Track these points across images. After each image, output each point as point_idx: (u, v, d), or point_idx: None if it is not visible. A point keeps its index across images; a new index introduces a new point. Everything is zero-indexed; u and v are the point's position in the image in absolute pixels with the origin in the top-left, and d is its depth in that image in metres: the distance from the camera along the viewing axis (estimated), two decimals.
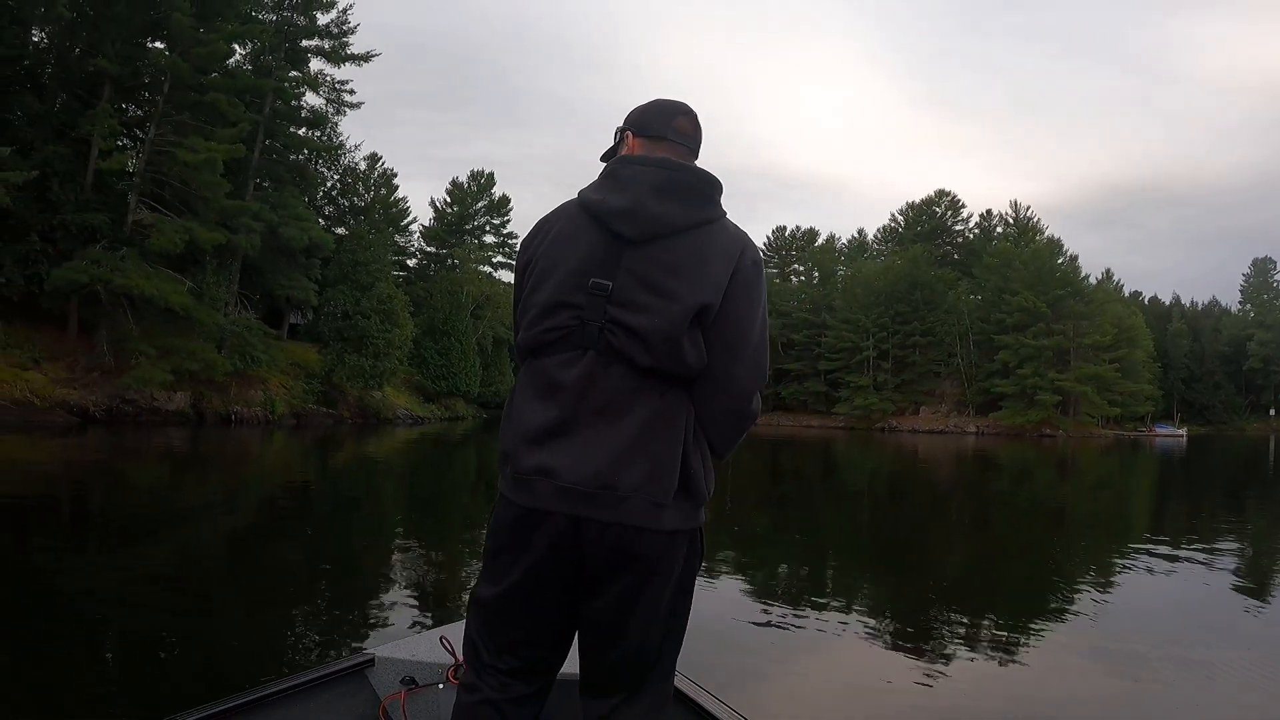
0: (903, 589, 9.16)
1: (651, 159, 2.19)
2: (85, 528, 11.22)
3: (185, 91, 34.89)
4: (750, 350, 2.13)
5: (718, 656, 5.83)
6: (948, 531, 14.18)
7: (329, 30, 45.40)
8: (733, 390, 2.14)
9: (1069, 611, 8.03)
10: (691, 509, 2.15)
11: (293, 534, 11.55)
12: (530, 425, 2.14)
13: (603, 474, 2.05)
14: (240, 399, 38.27)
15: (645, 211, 2.09)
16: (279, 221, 40.82)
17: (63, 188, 32.69)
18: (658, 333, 2.03)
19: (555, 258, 2.16)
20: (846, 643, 6.59)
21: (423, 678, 3.09)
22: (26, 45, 34.18)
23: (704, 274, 2.07)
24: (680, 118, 2.29)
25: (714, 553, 10.04)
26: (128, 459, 20.65)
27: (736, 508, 16.13)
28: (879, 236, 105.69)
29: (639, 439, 2.07)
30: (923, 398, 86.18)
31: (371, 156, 60.34)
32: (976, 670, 5.98)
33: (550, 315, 2.13)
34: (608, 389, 2.08)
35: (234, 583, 8.12)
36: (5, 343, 30.25)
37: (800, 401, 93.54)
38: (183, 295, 33.55)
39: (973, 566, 10.91)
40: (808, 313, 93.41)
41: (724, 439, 2.22)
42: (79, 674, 5.21)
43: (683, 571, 2.18)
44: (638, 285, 2.07)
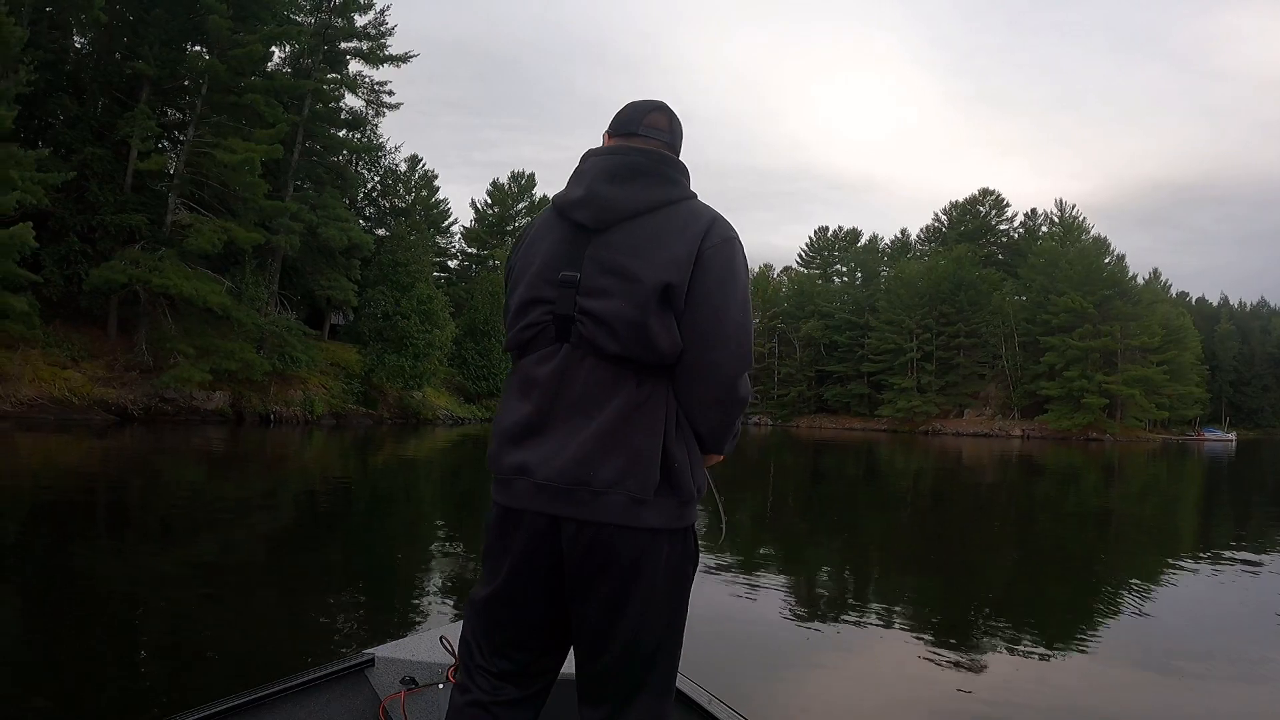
0: (944, 595, 8.80)
1: (609, 148, 2.20)
2: (118, 525, 11.07)
3: (223, 93, 34.96)
4: (729, 333, 2.05)
5: (755, 661, 5.77)
6: (991, 537, 13.71)
7: (366, 32, 45.23)
8: (714, 377, 2.06)
9: (1114, 621, 7.66)
10: (678, 506, 2.06)
11: (321, 534, 11.34)
12: (509, 423, 2.13)
13: (577, 469, 2.00)
14: (279, 399, 38.09)
15: (599, 198, 2.08)
16: (318, 222, 40.67)
17: (101, 189, 32.81)
18: (623, 317, 1.99)
19: (529, 257, 2.17)
20: (885, 648, 6.35)
21: (423, 678, 3.09)
22: (66, 50, 34.33)
23: (664, 253, 2.02)
24: (653, 114, 2.25)
25: (754, 556, 9.92)
26: (164, 458, 20.39)
27: (777, 511, 15.76)
28: (922, 236, 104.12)
29: (615, 432, 2.01)
30: (967, 400, 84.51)
31: (412, 158, 60.37)
32: (1016, 679, 5.74)
33: (525, 313, 2.13)
34: (582, 382, 2.05)
35: (247, 581, 7.93)
36: (45, 342, 30.23)
37: (843, 404, 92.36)
38: (221, 295, 33.49)
39: (1016, 573, 10.49)
40: (850, 314, 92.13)
41: (712, 429, 2.13)
42: (78, 669, 5.10)
43: (671, 575, 2.08)
44: (601, 271, 2.04)
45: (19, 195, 26.39)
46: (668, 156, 2.19)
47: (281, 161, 40.91)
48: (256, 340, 36.75)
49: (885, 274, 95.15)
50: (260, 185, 35.34)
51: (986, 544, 12.84)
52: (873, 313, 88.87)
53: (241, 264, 37.02)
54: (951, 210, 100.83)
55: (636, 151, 2.15)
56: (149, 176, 34.19)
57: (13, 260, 26.51)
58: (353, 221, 44.20)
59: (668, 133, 2.25)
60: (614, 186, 2.09)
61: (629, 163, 2.13)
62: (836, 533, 13.62)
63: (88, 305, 33.14)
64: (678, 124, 2.29)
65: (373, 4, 44.95)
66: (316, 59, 43.30)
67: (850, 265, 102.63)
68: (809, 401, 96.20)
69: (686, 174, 2.21)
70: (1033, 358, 79.91)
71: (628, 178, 2.10)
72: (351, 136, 48.35)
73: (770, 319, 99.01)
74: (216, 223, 34.09)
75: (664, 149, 2.21)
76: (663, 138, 2.23)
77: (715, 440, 2.17)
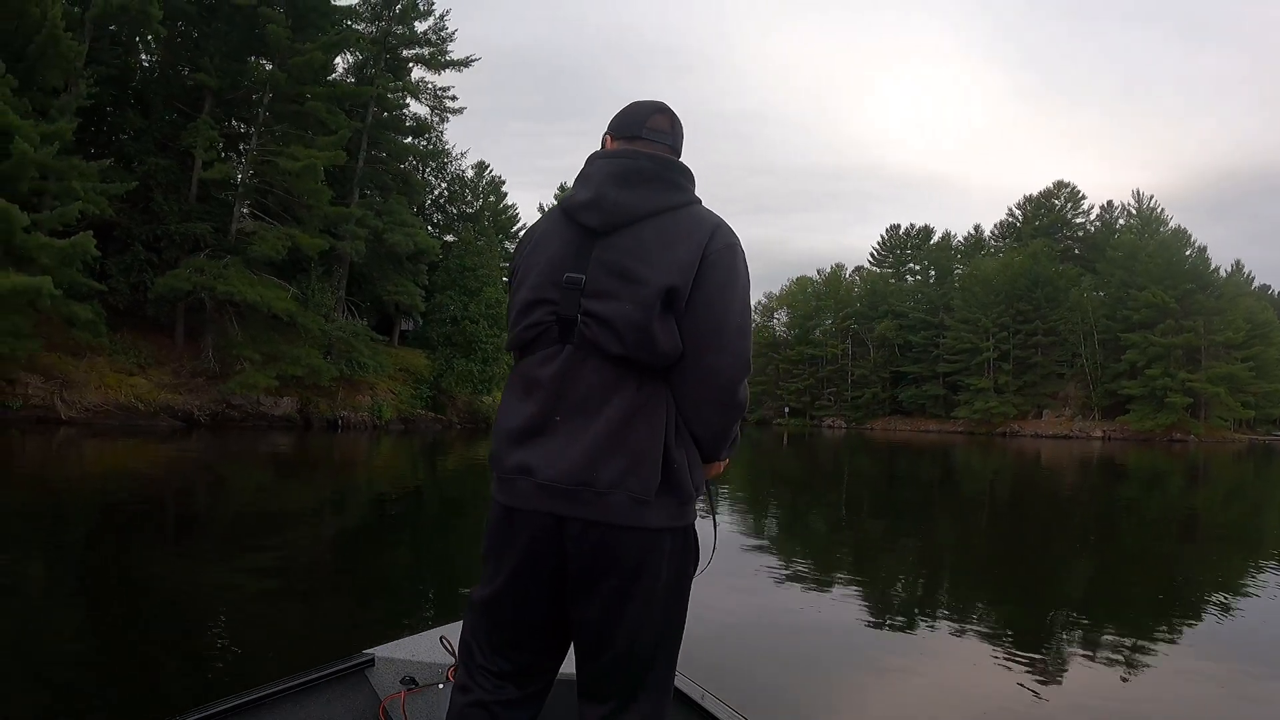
0: (1020, 602, 8.45)
1: (615, 151, 2.21)
2: (176, 529, 10.93)
3: (285, 102, 34.84)
4: (729, 337, 2.07)
5: (823, 666, 5.77)
6: (1070, 543, 12.98)
7: (427, 38, 44.92)
8: (713, 380, 2.08)
9: (1198, 630, 7.26)
10: (678, 506, 2.09)
11: (384, 538, 11.07)
12: (512, 424, 2.14)
13: (580, 470, 2.02)
14: (347, 404, 37.74)
15: (607, 201, 2.10)
16: (384, 227, 40.44)
17: (166, 199, 32.86)
18: (627, 319, 2.01)
19: (534, 259, 2.18)
20: (958, 655, 6.14)
21: (423, 678, 3.08)
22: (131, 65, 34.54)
23: (670, 256, 2.04)
24: (655, 115, 2.27)
25: (828, 560, 9.94)
26: (228, 464, 20.11)
27: (851, 515, 15.54)
28: (996, 232, 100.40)
29: (617, 433, 2.04)
30: (1046, 401, 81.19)
31: (479, 165, 60.19)
32: (1095, 689, 5.47)
33: (529, 313, 2.14)
34: (585, 383, 2.06)
35: (290, 585, 7.78)
36: (112, 349, 30.24)
37: (918, 405, 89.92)
38: (286, 301, 33.30)
39: (1095, 580, 10.00)
40: (925, 313, 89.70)
41: (711, 432, 2.15)
42: (83, 668, 5.14)
43: (672, 573, 2.12)
44: (606, 274, 2.05)
45: (81, 205, 26.45)
46: (674, 162, 2.20)
47: (347, 168, 40.84)
48: (324, 346, 36.45)
49: (959, 272, 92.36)
50: (324, 192, 35.07)
51: (1065, 550, 12.16)
52: (948, 311, 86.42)
53: (307, 271, 36.87)
54: (1025, 205, 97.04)
55: (644, 156, 2.16)
56: (213, 186, 34.12)
57: (76, 269, 26.53)
58: (419, 227, 43.81)
59: (670, 135, 2.26)
60: (622, 190, 2.10)
61: (636, 167, 2.14)
62: (911, 538, 13.08)
63: (154, 313, 33.18)
64: (679, 126, 2.31)
65: (432, 10, 44.70)
66: (379, 67, 43.04)
67: (923, 263, 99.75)
68: (883, 403, 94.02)
69: (692, 179, 2.22)
70: (1113, 356, 76.18)
71: (636, 182, 2.11)
72: (417, 143, 48.06)
73: (843, 319, 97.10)
74: (281, 230, 33.92)
75: (667, 152, 2.23)
76: (665, 140, 2.25)
77: (713, 445, 2.17)
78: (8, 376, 26.10)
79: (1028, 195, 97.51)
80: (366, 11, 42.95)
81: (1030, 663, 5.95)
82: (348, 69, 43.78)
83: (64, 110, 26.97)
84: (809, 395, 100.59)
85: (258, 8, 33.03)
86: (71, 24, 27.95)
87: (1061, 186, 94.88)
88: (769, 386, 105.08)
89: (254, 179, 35.27)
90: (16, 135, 24.03)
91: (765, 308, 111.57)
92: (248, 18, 33.47)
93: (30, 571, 7.73)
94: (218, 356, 33.05)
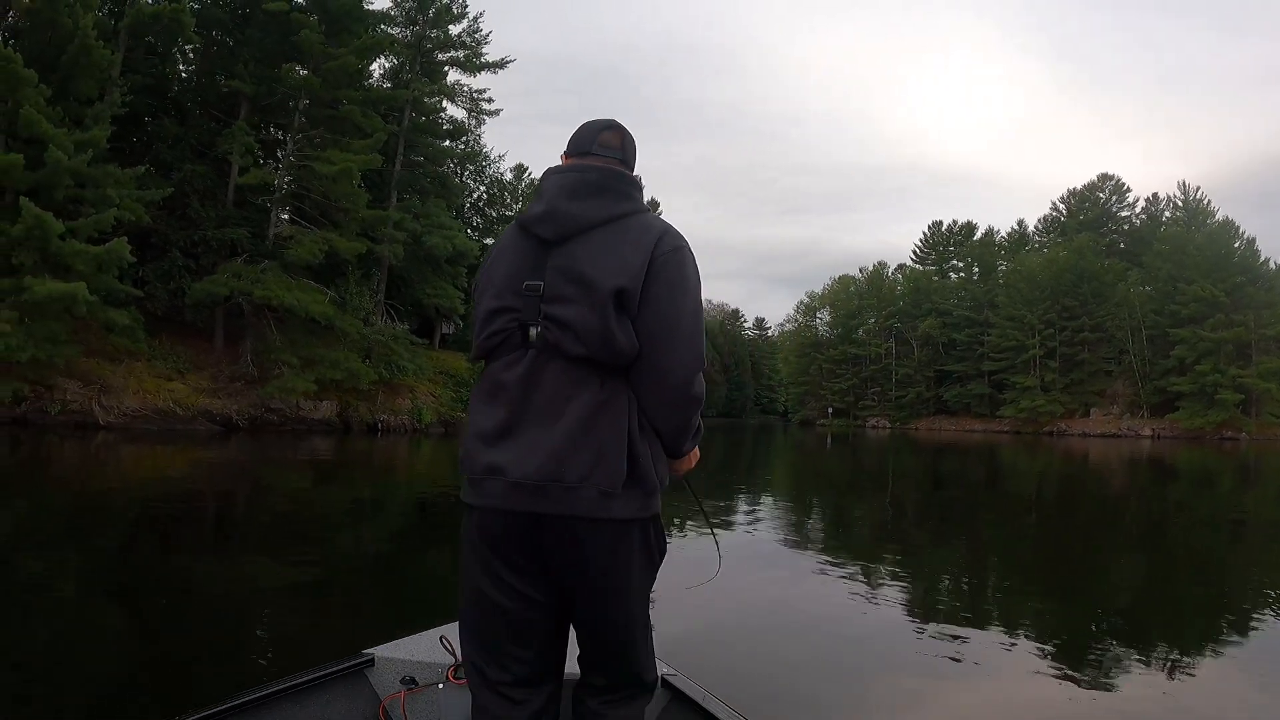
0: (1067, 606, 8.07)
1: (567, 166, 2.30)
2: (203, 533, 10.74)
3: (320, 107, 34.69)
4: (682, 335, 2.14)
5: (863, 671, 5.63)
6: (1118, 544, 12.39)
7: (462, 41, 44.67)
8: (669, 378, 2.15)
9: (1252, 638, 6.73)
10: (643, 497, 2.16)
11: (405, 540, 11.05)
12: (481, 427, 2.20)
13: (549, 467, 2.08)
14: (387, 408, 37.49)
15: (559, 213, 2.18)
16: (422, 231, 40.24)
17: (203, 205, 32.86)
18: (584, 321, 2.08)
19: (494, 270, 2.26)
20: (1002, 661, 5.90)
21: (423, 678, 3.05)
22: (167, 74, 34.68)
23: (618, 260, 2.11)
24: (605, 132, 2.35)
25: (872, 562, 9.60)
26: (265, 467, 19.95)
27: (896, 517, 15.17)
28: (1040, 227, 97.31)
29: (582, 430, 2.10)
30: (1093, 398, 78.37)
31: (518, 168, 59.98)
32: (1143, 699, 5.17)
33: (492, 321, 2.22)
34: (549, 384, 2.13)
35: (299, 579, 7.81)
36: (151, 355, 30.28)
37: (963, 404, 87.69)
38: (324, 305, 33.07)
39: (1145, 583, 9.54)
40: (969, 310, 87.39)
41: (671, 425, 2.22)
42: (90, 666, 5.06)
43: (640, 561, 2.20)
44: (563, 280, 2.13)
45: (117, 212, 26.50)
46: (622, 173, 2.28)
47: (384, 172, 40.74)
48: (363, 350, 36.22)
49: (1004, 268, 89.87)
50: (361, 195, 34.94)
51: (1113, 553, 11.59)
52: (992, 309, 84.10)
53: (346, 275, 36.69)
54: (1070, 198, 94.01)
55: (593, 170, 2.24)
56: (250, 191, 34.15)
57: (112, 275, 26.54)
58: (457, 229, 43.55)
59: (620, 150, 2.34)
60: (573, 202, 2.18)
61: (586, 180, 2.22)
62: (955, 540, 12.69)
63: (192, 319, 33.27)
64: (630, 140, 2.39)
65: (466, 12, 44.42)
66: (414, 71, 42.84)
67: (967, 260, 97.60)
68: (927, 403, 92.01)
69: (640, 189, 2.30)
70: (1161, 352, 73.08)
71: (585, 194, 2.19)
72: (454, 146, 47.87)
73: (886, 318, 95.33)
74: (317, 233, 33.76)
75: (618, 165, 2.30)
76: (616, 155, 2.32)
77: (674, 437, 2.24)
78: (46, 382, 26.16)
79: (1071, 188, 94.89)
80: (401, 16, 42.88)
81: (1075, 670, 5.65)
82: (384, 74, 43.69)
83: (98, 118, 26.97)
84: (852, 395, 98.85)
85: (290, 14, 32.95)
86: (106, 34, 28.09)
87: (1106, 179, 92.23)
88: (812, 387, 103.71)
89: (291, 184, 35.18)
90: (50, 144, 24.08)
91: (807, 307, 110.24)
92: (281, 24, 33.36)
93: (60, 572, 7.66)
94: (256, 361, 32.93)
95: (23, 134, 24.53)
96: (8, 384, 24.90)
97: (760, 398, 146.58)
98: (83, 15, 25.14)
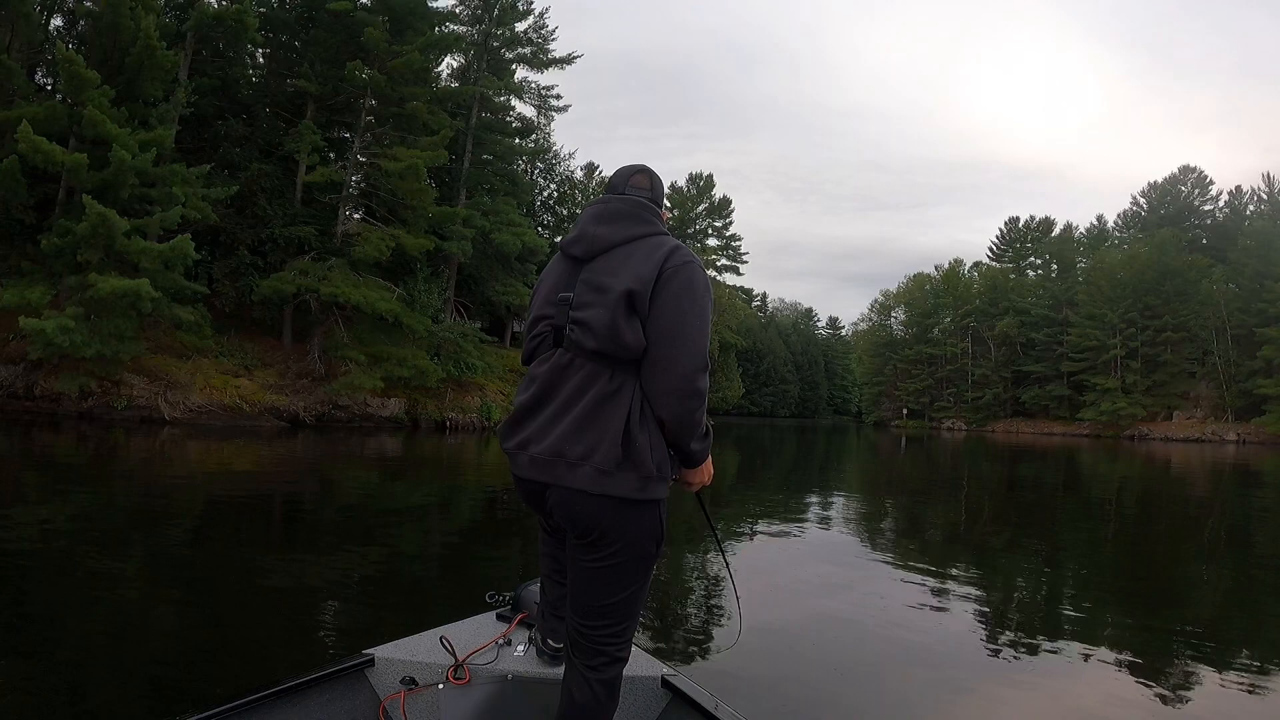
0: (1145, 619, 7.54)
1: (599, 199, 2.63)
2: (255, 527, 10.57)
3: (386, 105, 34.34)
4: (688, 333, 2.38)
5: (929, 680, 5.34)
6: (1201, 555, 11.58)
7: (528, 37, 44.17)
8: (674, 370, 2.37)
9: None
10: (640, 480, 2.37)
11: (456, 536, 10.84)
12: (516, 411, 2.58)
13: (557, 445, 2.40)
14: (456, 405, 37.01)
15: (588, 235, 2.52)
16: (491, 228, 39.76)
17: (270, 203, 32.77)
18: (598, 319, 2.38)
19: (540, 288, 2.65)
20: (1076, 674, 5.58)
21: (423, 678, 3.05)
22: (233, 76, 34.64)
23: (632, 269, 2.40)
24: (636, 175, 2.68)
25: (943, 568, 9.26)
26: (328, 464, 19.54)
27: (971, 521, 14.78)
28: (1120, 222, 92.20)
29: (589, 415, 2.38)
30: (1176, 401, 73.50)
31: (589, 166, 59.64)
32: (1223, 715, 4.92)
33: (534, 328, 2.60)
34: (569, 376, 2.44)
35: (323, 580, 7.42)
36: (218, 351, 30.25)
37: (1041, 406, 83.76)
38: (391, 302, 32.62)
39: (1227, 599, 8.79)
40: (1047, 309, 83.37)
41: (673, 415, 2.40)
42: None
43: (632, 544, 2.43)
44: (587, 290, 2.45)
45: (183, 210, 26.44)
46: (644, 203, 2.59)
47: (453, 170, 40.38)
48: (432, 347, 35.81)
49: (1083, 265, 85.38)
50: (428, 192, 34.56)
51: (1195, 564, 10.81)
52: (1071, 307, 79.89)
53: (414, 271, 36.37)
54: (1150, 192, 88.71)
55: (617, 199, 2.58)
56: (317, 189, 33.94)
57: (178, 273, 26.41)
58: (526, 226, 42.89)
59: (648, 190, 2.66)
60: (599, 226, 2.52)
61: (611, 209, 2.56)
62: (1031, 546, 12.01)
63: (261, 316, 33.23)
64: (658, 181, 2.72)
65: (531, 9, 43.88)
66: (481, 69, 42.43)
67: (1045, 257, 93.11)
68: (1005, 404, 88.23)
69: (660, 216, 2.63)
70: (1247, 352, 67.97)
71: (610, 219, 2.53)
72: (523, 143, 47.39)
73: (962, 317, 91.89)
74: (384, 231, 33.39)
75: (646, 201, 2.61)
76: (644, 195, 2.64)
77: (677, 429, 2.43)
78: (112, 377, 26.19)
79: (1152, 181, 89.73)
80: (466, 15, 42.49)
81: (1150, 686, 5.38)
82: (452, 73, 43.35)
83: (163, 119, 27.03)
84: (928, 396, 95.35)
85: (355, 13, 32.75)
86: (170, 37, 28.08)
87: (1187, 171, 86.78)
88: (886, 387, 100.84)
89: (359, 182, 34.94)
90: (114, 144, 23.95)
91: (882, 305, 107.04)
92: (346, 24, 33.18)
93: (122, 563, 7.64)
94: (324, 358, 32.71)
95: (88, 134, 24.54)
96: (74, 379, 24.97)
97: (834, 398, 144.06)
98: (144, 18, 24.99)
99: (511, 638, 3.35)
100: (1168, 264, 72.45)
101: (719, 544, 9.18)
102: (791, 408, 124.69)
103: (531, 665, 3.17)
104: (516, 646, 3.30)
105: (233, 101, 34.40)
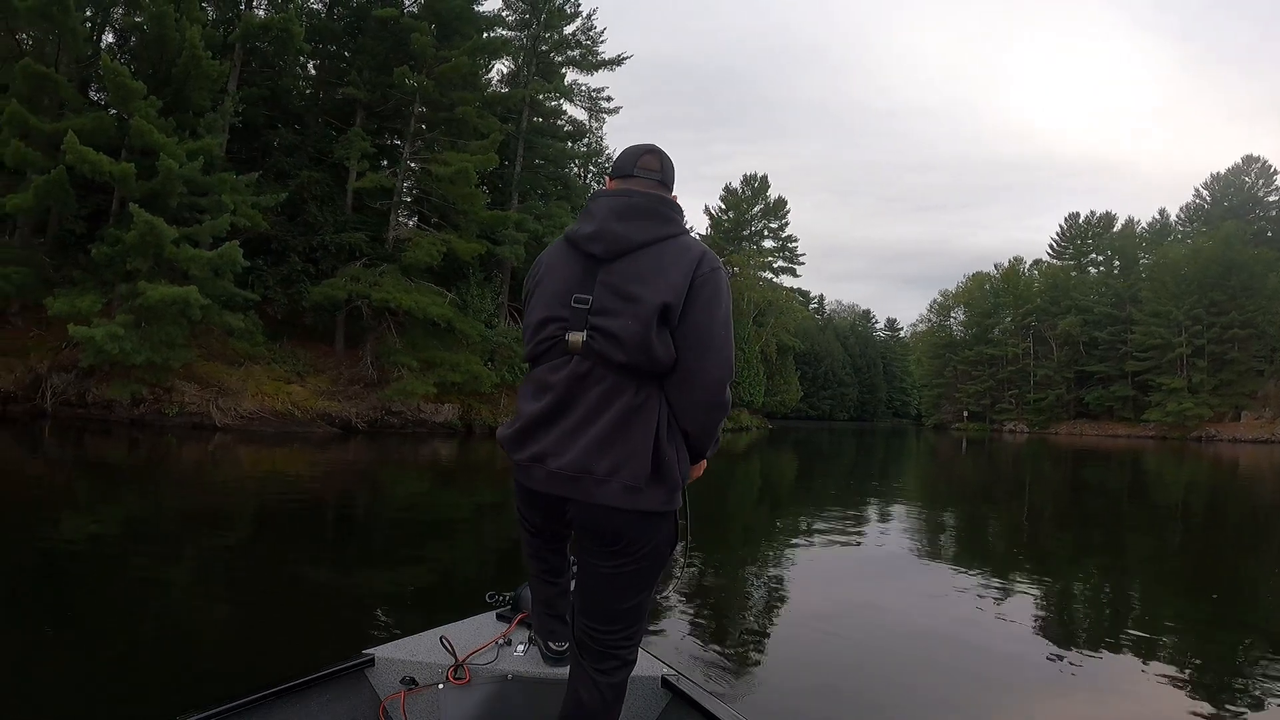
0: (1211, 630, 7.12)
1: (614, 190, 2.48)
2: (321, 532, 10.56)
3: (435, 110, 34.01)
4: (716, 345, 2.31)
5: (987, 689, 5.15)
6: (1269, 565, 10.82)
7: (577, 40, 43.66)
8: (703, 381, 2.31)
9: None
10: (666, 493, 2.32)
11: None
12: (526, 420, 2.42)
13: (582, 460, 2.29)
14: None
15: (609, 233, 2.36)
16: (543, 231, 39.10)
17: (321, 210, 32.55)
18: (629, 333, 2.26)
19: (545, 283, 2.47)
20: (1137, 688, 5.32)
21: (423, 678, 3.04)
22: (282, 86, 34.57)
23: (664, 279, 2.28)
24: (645, 156, 2.53)
25: (1008, 573, 9.08)
26: (379, 470, 19.37)
27: (1033, 524, 14.56)
28: (1183, 216, 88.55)
29: (615, 430, 2.28)
30: (1244, 401, 69.60)
31: None
32: None
33: (542, 329, 2.42)
34: (591, 387, 2.32)
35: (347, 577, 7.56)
36: (271, 358, 30.11)
37: (1105, 407, 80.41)
38: (443, 307, 32.23)
39: None
40: (1110, 307, 79.99)
41: (699, 427, 2.38)
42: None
43: (654, 551, 2.39)
44: (611, 295, 2.31)
45: (233, 218, 26.30)
46: (665, 198, 2.47)
47: (505, 174, 39.89)
48: (485, 353, 35.30)
49: (1146, 261, 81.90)
50: (479, 196, 34.10)
51: (1264, 573, 10.23)
52: (1135, 304, 76.59)
53: (467, 277, 35.84)
54: (1212, 184, 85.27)
55: (639, 194, 2.43)
56: (367, 195, 33.69)
57: (228, 280, 26.18)
58: None
59: (659, 172, 2.52)
60: (621, 223, 2.36)
61: (633, 204, 2.40)
62: (1093, 552, 11.54)
63: (313, 322, 33.06)
64: (669, 162, 2.56)
65: (579, 11, 43.34)
66: (530, 73, 41.98)
67: (1107, 254, 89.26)
68: (1067, 406, 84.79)
69: (681, 212, 2.48)
70: None
71: (632, 216, 2.38)
72: (575, 146, 46.88)
73: (1023, 316, 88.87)
74: (435, 236, 33.03)
75: (658, 188, 2.49)
76: (655, 176, 2.50)
77: (700, 440, 2.41)
78: (164, 384, 26.14)
79: (1214, 173, 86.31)
80: (514, 20, 42.08)
81: (1214, 701, 5.08)
82: (502, 79, 42.98)
83: (211, 128, 26.86)
84: (988, 398, 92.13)
85: (401, 19, 32.43)
86: (218, 47, 27.99)
87: (1251, 162, 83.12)
88: (946, 389, 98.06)
89: (410, 188, 34.62)
90: (161, 153, 23.75)
91: (941, 306, 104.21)
92: (393, 31, 32.92)
93: (171, 567, 7.68)
94: (376, 364, 32.40)
95: (135, 144, 24.42)
96: (126, 386, 24.92)
97: (893, 400, 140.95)
98: (188, 28, 24.83)
99: (511, 638, 3.33)
100: (1233, 258, 69.10)
101: (688, 529, 8.46)
102: (850, 411, 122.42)
103: (531, 665, 3.15)
104: (516, 646, 3.27)
105: (284, 111, 34.42)
